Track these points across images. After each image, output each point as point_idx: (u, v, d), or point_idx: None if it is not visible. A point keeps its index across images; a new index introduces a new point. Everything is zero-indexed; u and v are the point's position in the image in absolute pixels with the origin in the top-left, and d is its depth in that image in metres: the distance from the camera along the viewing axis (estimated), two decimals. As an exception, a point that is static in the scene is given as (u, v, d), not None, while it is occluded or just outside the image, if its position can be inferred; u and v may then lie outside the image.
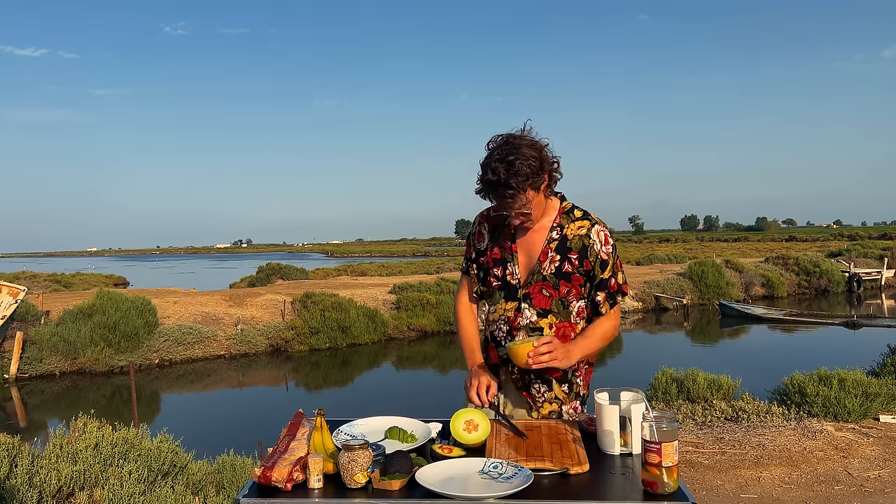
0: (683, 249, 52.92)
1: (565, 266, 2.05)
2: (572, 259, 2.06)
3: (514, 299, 2.09)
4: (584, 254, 2.06)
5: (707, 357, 14.64)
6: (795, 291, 26.11)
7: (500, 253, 2.12)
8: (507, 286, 2.10)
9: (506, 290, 2.11)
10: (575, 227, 2.08)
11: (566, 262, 2.06)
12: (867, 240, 49.43)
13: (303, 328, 16.04)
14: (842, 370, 6.21)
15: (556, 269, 2.05)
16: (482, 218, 2.20)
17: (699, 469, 4.75)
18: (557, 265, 2.06)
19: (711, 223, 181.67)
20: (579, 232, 2.07)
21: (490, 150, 1.96)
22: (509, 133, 1.96)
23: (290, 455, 1.53)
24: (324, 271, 35.86)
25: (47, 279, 32.12)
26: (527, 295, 2.07)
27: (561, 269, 2.05)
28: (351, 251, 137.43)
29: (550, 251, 2.06)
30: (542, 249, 2.07)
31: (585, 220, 2.09)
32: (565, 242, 2.06)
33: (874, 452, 5.00)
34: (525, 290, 2.07)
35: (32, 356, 13.68)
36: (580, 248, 2.06)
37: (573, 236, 2.06)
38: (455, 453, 1.65)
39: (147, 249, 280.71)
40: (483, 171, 1.95)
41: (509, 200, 1.94)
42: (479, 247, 2.19)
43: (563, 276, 2.06)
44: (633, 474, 1.53)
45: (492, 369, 2.16)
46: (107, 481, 3.52)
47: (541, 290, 2.06)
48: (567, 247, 2.06)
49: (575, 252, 2.06)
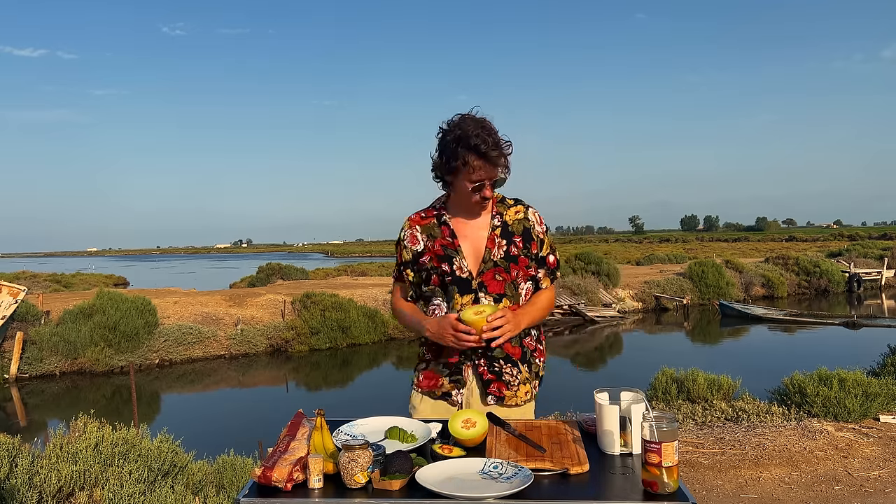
0: (683, 249, 52.93)
1: (512, 249, 2.14)
2: (517, 242, 2.14)
3: (470, 291, 2.12)
4: (528, 236, 2.16)
5: (707, 357, 14.65)
6: (795, 291, 26.12)
7: (443, 250, 2.15)
8: (459, 280, 2.13)
9: (458, 285, 2.13)
10: (512, 213, 2.17)
11: (512, 246, 2.14)
12: (867, 240, 49.43)
13: (303, 328, 16.04)
14: (842, 370, 6.20)
15: (505, 252, 2.13)
16: (412, 222, 2.22)
17: (699, 469, 4.75)
18: (505, 249, 2.13)
19: (711, 223, 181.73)
20: (517, 217, 2.17)
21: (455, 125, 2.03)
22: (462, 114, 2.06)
23: (290, 455, 1.53)
24: (324, 271, 35.86)
25: (47, 279, 32.11)
26: (481, 283, 2.12)
27: (509, 253, 2.13)
28: (351, 251, 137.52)
29: (497, 237, 2.14)
30: (489, 237, 2.14)
31: (519, 205, 2.20)
32: (507, 228, 2.15)
33: (874, 452, 5.00)
34: (479, 278, 2.12)
35: (32, 356, 13.68)
36: (522, 231, 2.16)
37: (513, 221, 2.16)
38: (455, 453, 1.65)
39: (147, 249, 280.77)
40: (465, 140, 2.00)
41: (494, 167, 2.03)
42: (416, 249, 2.19)
43: (512, 259, 2.14)
44: (633, 474, 1.53)
45: (454, 368, 2.15)
46: (107, 481, 3.52)
47: (493, 275, 2.12)
48: (510, 231, 2.15)
49: (518, 235, 2.15)
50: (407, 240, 2.22)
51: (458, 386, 2.15)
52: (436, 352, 2.18)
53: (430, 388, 2.18)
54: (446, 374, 2.16)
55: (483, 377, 2.13)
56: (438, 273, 2.15)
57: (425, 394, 2.20)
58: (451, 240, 2.15)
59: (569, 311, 19.79)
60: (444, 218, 2.18)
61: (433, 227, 2.19)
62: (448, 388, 2.16)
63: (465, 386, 2.15)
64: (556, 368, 14.63)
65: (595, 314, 19.91)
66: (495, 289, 2.11)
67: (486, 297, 2.11)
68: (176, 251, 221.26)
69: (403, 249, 2.23)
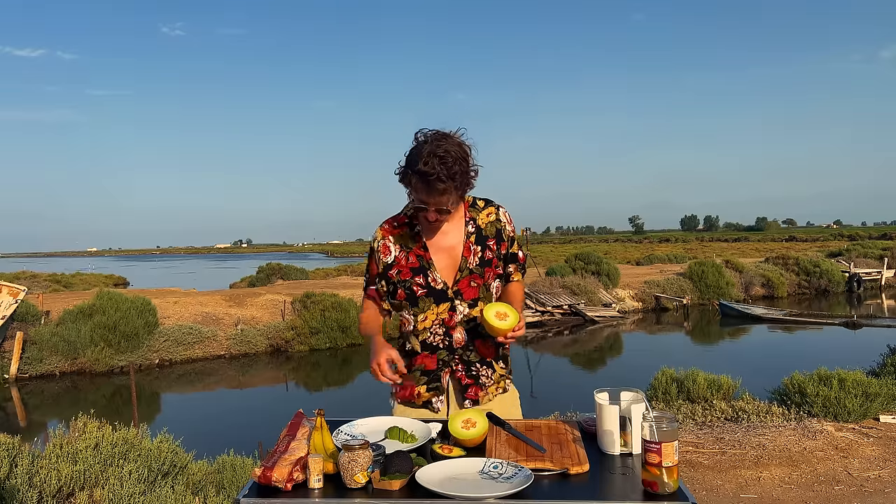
0: (683, 249, 52.99)
1: (486, 254, 2.13)
2: (490, 245, 2.14)
3: (446, 300, 2.10)
4: (500, 237, 2.16)
5: (707, 357, 14.64)
6: (795, 291, 26.11)
7: (418, 261, 2.11)
8: (434, 291, 2.09)
9: (434, 296, 2.09)
10: (484, 216, 2.16)
11: (487, 250, 2.13)
12: (867, 240, 49.41)
13: (303, 328, 16.03)
14: (842, 370, 6.20)
15: (480, 259, 2.12)
16: (385, 231, 2.15)
17: (699, 469, 4.75)
18: (480, 255, 2.12)
19: (711, 223, 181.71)
20: (489, 219, 2.16)
21: (421, 142, 1.95)
22: (440, 130, 1.97)
23: (290, 455, 1.53)
24: (324, 271, 35.90)
25: (47, 279, 32.14)
26: (457, 292, 2.10)
27: (483, 258, 2.13)
28: (351, 251, 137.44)
29: (472, 244, 2.12)
30: (464, 244, 2.11)
31: (490, 207, 2.18)
32: (481, 232, 2.13)
33: (874, 452, 5.00)
34: (455, 287, 2.10)
35: (32, 356, 13.68)
36: (494, 233, 2.15)
37: (485, 224, 2.15)
38: (455, 453, 1.65)
39: (147, 249, 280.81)
40: (414, 160, 1.93)
41: (439, 196, 1.95)
42: (387, 260, 2.13)
43: (486, 263, 2.13)
44: (633, 474, 1.53)
45: (432, 375, 2.13)
46: (107, 481, 3.52)
47: (469, 282, 2.11)
48: (483, 235, 2.13)
49: (492, 238, 2.14)
50: (380, 250, 2.15)
51: (438, 393, 2.13)
52: (409, 364, 2.14)
53: (408, 397, 2.16)
54: (424, 383, 2.13)
55: (461, 382, 2.13)
56: (407, 286, 2.10)
57: (405, 404, 2.17)
58: (424, 252, 2.11)
59: (569, 311, 19.79)
60: (417, 228, 2.13)
61: (406, 237, 2.13)
62: (427, 397, 2.13)
63: (444, 392, 2.14)
64: (556, 368, 14.64)
65: (595, 314, 19.91)
66: (470, 295, 2.10)
67: (462, 303, 2.10)
68: (176, 251, 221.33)
69: (376, 262, 2.17)
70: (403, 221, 2.16)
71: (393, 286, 2.15)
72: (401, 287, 2.12)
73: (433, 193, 1.94)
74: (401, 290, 2.12)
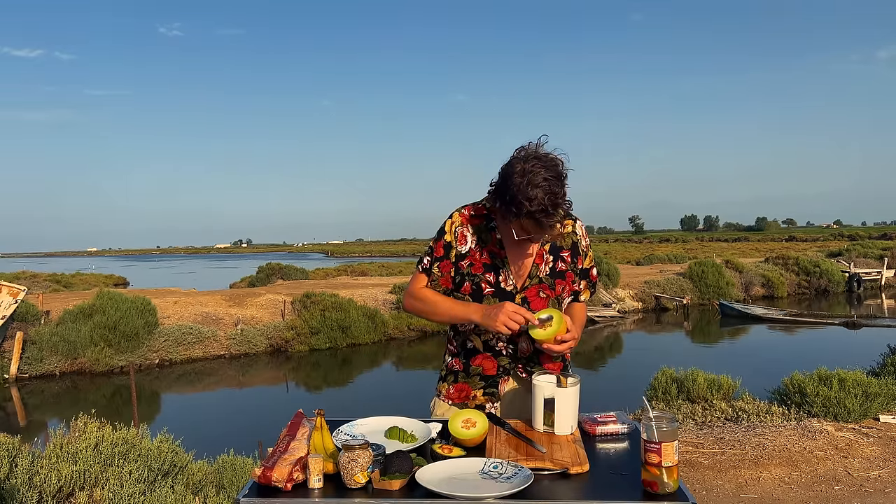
0: (683, 249, 52.99)
1: (559, 265, 2.07)
2: (565, 257, 2.08)
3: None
4: (576, 250, 2.10)
5: (707, 357, 14.65)
6: (795, 291, 26.12)
7: (491, 259, 2.03)
8: (502, 292, 2.04)
9: (500, 296, 2.03)
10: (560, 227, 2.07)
11: (559, 261, 2.07)
12: (867, 240, 49.37)
13: (303, 328, 16.04)
14: (842, 370, 6.20)
15: (551, 269, 2.06)
16: (464, 218, 2.06)
17: (699, 469, 4.75)
18: (552, 266, 2.06)
19: (711, 223, 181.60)
20: (566, 231, 2.09)
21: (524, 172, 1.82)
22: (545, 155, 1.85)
23: (290, 455, 1.53)
24: (324, 271, 35.85)
25: (47, 279, 32.13)
26: (524, 299, 2.04)
27: (555, 269, 2.06)
28: (351, 251, 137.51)
29: (545, 253, 2.06)
30: (537, 252, 2.05)
31: (568, 219, 2.09)
32: (555, 243, 2.07)
33: (874, 452, 5.00)
34: (522, 293, 2.04)
35: (32, 356, 13.68)
36: (570, 245, 2.09)
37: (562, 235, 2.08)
38: (455, 453, 1.65)
39: (147, 249, 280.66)
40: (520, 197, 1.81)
41: (550, 230, 1.90)
42: (461, 249, 2.05)
43: (558, 275, 2.06)
44: (634, 474, 1.53)
45: (490, 381, 2.08)
46: (107, 481, 3.52)
47: (537, 292, 2.04)
48: (558, 246, 2.07)
49: (567, 250, 2.08)
50: (456, 236, 2.05)
51: (493, 399, 2.09)
52: (466, 364, 2.11)
53: (462, 400, 2.11)
54: (480, 387, 2.09)
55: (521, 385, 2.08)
56: (476, 282, 2.03)
57: (456, 406, 2.11)
58: (500, 250, 2.04)
59: (569, 311, 19.79)
60: (493, 223, 2.05)
61: (482, 230, 2.05)
62: (482, 401, 2.09)
63: (499, 400, 2.09)
64: (556, 368, 14.62)
65: (595, 314, 19.91)
66: (538, 306, 2.02)
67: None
68: (176, 251, 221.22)
69: (445, 244, 2.07)
70: (482, 213, 2.07)
71: (461, 277, 2.05)
72: (468, 281, 2.04)
73: (543, 230, 1.89)
74: (468, 284, 2.04)
